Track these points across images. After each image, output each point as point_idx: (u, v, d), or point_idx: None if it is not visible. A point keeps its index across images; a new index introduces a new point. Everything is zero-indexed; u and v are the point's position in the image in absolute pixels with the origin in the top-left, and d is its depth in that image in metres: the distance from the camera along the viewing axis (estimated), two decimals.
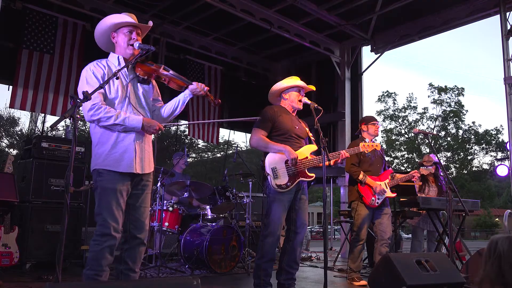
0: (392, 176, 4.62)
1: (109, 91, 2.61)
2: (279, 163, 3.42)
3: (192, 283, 1.94)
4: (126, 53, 2.71)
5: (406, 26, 7.92)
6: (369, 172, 4.50)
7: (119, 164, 2.55)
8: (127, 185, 2.58)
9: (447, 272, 3.21)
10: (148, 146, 2.72)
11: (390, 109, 33.10)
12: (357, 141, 4.55)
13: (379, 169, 4.62)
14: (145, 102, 2.75)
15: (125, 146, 2.58)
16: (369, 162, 4.56)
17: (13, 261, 4.43)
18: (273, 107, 3.64)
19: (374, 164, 4.59)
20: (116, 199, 2.51)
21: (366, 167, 4.53)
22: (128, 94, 2.66)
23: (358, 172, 4.43)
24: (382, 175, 4.57)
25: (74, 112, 2.10)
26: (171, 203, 5.18)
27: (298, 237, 3.51)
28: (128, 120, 2.54)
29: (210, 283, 4.36)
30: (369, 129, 4.63)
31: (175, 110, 2.81)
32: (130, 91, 2.67)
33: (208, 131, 8.79)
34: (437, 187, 5.71)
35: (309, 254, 7.15)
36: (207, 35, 8.44)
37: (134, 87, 2.72)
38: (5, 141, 25.53)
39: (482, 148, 31.79)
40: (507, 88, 6.51)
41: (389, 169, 4.66)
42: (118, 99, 2.61)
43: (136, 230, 2.62)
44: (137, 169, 2.59)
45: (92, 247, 2.47)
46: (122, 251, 2.64)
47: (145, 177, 2.69)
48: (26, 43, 6.48)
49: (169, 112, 2.82)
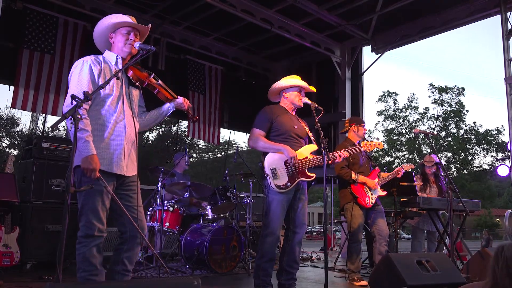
0: (379, 175, 4.64)
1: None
2: (278, 163, 3.42)
3: (192, 283, 1.94)
4: (124, 51, 2.68)
5: (406, 26, 7.92)
6: (361, 173, 4.52)
7: (108, 164, 2.52)
8: (112, 185, 2.56)
9: (447, 272, 3.21)
10: (134, 149, 2.68)
11: (391, 109, 33.09)
12: (344, 143, 4.57)
13: (368, 169, 4.65)
14: (134, 105, 2.74)
15: (115, 145, 2.57)
16: (359, 163, 4.57)
17: (13, 261, 4.43)
18: (271, 107, 3.63)
19: (364, 165, 4.61)
20: (102, 200, 2.48)
21: (357, 168, 4.55)
22: (123, 95, 2.64)
23: (349, 173, 4.44)
24: (370, 174, 4.59)
25: (74, 112, 2.10)
26: (172, 203, 5.18)
27: (297, 237, 3.51)
28: (83, 144, 2.37)
29: (210, 283, 4.36)
30: (359, 130, 4.67)
31: (156, 120, 2.87)
32: (124, 91, 2.66)
33: (209, 131, 8.79)
34: (437, 187, 5.71)
35: (310, 254, 7.15)
36: (207, 35, 8.45)
37: (128, 89, 2.70)
38: (6, 142, 25.57)
39: (482, 148, 31.76)
40: (507, 88, 6.51)
41: (376, 169, 4.67)
42: (111, 97, 2.58)
43: (135, 231, 2.60)
44: (125, 170, 2.60)
45: (79, 249, 2.44)
46: (120, 252, 2.62)
47: (132, 177, 2.67)
48: (27, 43, 6.49)
49: (151, 121, 2.86)
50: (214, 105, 8.90)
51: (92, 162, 2.36)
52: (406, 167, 4.79)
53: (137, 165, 2.73)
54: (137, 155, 2.72)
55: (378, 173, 4.65)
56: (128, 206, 2.60)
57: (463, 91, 32.33)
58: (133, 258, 2.63)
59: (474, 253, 4.54)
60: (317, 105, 3.45)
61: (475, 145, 31.85)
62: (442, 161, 8.86)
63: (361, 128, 4.67)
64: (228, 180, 5.78)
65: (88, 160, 2.35)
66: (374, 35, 8.25)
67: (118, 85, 2.63)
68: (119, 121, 2.59)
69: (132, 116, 2.67)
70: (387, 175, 4.68)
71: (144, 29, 2.79)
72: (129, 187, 2.65)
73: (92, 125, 2.48)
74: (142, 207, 2.72)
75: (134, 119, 2.67)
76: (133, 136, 2.64)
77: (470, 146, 31.81)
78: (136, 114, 2.74)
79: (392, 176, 4.67)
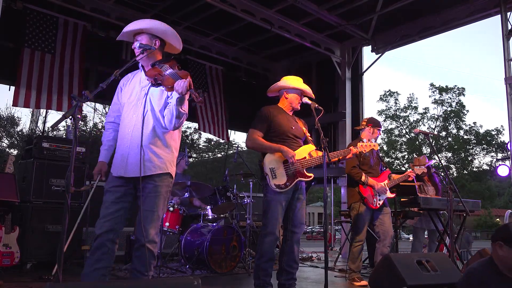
0: (389, 177, 4.62)
1: (121, 96, 2.81)
2: (277, 163, 3.42)
3: (192, 283, 1.94)
4: (138, 55, 2.72)
5: (406, 26, 7.92)
6: (370, 174, 4.50)
7: (114, 168, 2.71)
8: (120, 187, 2.66)
9: (447, 273, 3.21)
10: (147, 150, 2.63)
11: (391, 109, 33.10)
12: (356, 141, 4.55)
13: (378, 170, 4.64)
14: (154, 105, 2.69)
15: (119, 150, 2.70)
16: (369, 164, 4.56)
17: (13, 261, 4.43)
18: (269, 108, 3.63)
19: (374, 166, 4.60)
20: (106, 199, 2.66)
21: (367, 168, 4.53)
22: (140, 98, 2.70)
23: (360, 173, 4.43)
24: (380, 176, 4.58)
25: (75, 112, 2.10)
26: (172, 203, 5.18)
27: (295, 237, 3.52)
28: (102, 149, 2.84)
29: (210, 283, 4.36)
30: (374, 133, 4.61)
31: (172, 116, 2.59)
32: (139, 94, 2.72)
33: (218, 128, 8.82)
34: (433, 185, 5.70)
35: (310, 254, 7.15)
36: (207, 35, 8.45)
37: (147, 90, 2.70)
38: (6, 141, 25.56)
39: (482, 149, 31.77)
40: (508, 88, 6.51)
41: (386, 170, 4.66)
42: (127, 103, 2.74)
43: (139, 234, 2.61)
44: (124, 172, 2.64)
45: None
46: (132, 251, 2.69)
47: (146, 179, 2.62)
48: (28, 42, 6.50)
49: (169, 119, 2.62)
50: (220, 103, 8.93)
51: (96, 170, 2.78)
52: (418, 170, 4.77)
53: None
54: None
55: (389, 175, 4.63)
56: (141, 208, 2.63)
57: (463, 91, 32.38)
58: (142, 261, 2.58)
59: (474, 253, 4.55)
60: (317, 105, 3.45)
61: (475, 145, 31.87)
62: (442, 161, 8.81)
63: (376, 131, 4.61)
64: (228, 180, 5.78)
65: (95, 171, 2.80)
66: (374, 35, 8.26)
67: (135, 90, 2.75)
68: (126, 125, 2.70)
69: (142, 117, 2.64)
70: (398, 177, 4.65)
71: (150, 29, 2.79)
72: (143, 188, 2.62)
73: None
74: (149, 211, 2.62)
75: (143, 120, 2.64)
76: (139, 137, 2.61)
77: (470, 146, 31.82)
78: (156, 113, 2.67)
79: (403, 178, 4.64)
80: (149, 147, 2.64)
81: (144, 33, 2.76)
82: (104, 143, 2.84)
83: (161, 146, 2.68)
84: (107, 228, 2.57)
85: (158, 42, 2.77)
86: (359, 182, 4.44)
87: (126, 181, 2.65)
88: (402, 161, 31.44)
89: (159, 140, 2.67)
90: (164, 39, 2.81)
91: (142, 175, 2.58)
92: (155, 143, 2.66)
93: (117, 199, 2.63)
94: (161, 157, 2.67)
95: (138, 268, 2.60)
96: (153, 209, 2.62)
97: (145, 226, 2.57)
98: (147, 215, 2.60)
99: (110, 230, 2.58)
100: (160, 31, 2.77)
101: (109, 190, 2.66)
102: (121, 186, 2.65)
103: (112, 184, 2.67)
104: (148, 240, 2.57)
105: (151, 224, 2.60)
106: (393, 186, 4.60)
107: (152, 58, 2.72)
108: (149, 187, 2.63)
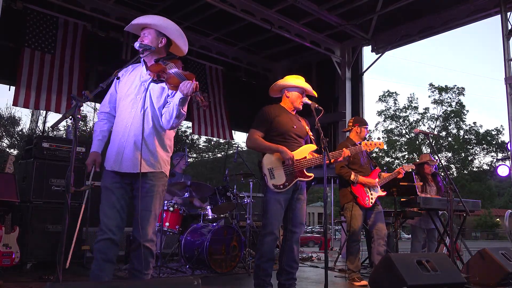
0: (380, 175, 4.64)
1: (118, 86, 2.74)
2: (276, 163, 3.42)
3: (192, 283, 1.94)
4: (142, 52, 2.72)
5: (406, 26, 7.92)
6: (361, 172, 4.52)
7: (108, 162, 2.65)
8: (118, 183, 2.62)
9: (447, 272, 3.21)
10: (143, 145, 2.58)
11: (391, 109, 33.10)
12: (345, 142, 4.58)
13: (369, 169, 4.65)
14: (154, 101, 2.66)
15: (114, 143, 2.65)
16: (359, 163, 4.58)
17: (13, 261, 4.43)
18: (270, 107, 3.62)
19: (364, 165, 4.61)
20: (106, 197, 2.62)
21: (357, 167, 4.55)
22: (138, 93, 2.66)
23: (349, 173, 4.45)
24: (370, 175, 4.60)
25: (75, 112, 2.10)
26: (172, 203, 5.18)
27: (295, 236, 3.51)
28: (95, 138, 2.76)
29: (210, 283, 4.37)
30: (361, 132, 4.67)
31: (172, 115, 2.54)
32: (138, 90, 2.68)
33: (217, 129, 8.81)
34: (436, 186, 5.71)
35: (310, 254, 7.16)
36: (207, 35, 8.45)
37: (147, 87, 2.66)
38: (6, 141, 25.55)
39: (482, 149, 31.77)
40: (508, 88, 6.51)
41: (376, 169, 4.68)
42: (124, 98, 2.68)
43: (136, 233, 2.60)
44: (118, 168, 2.59)
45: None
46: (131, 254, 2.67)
47: (142, 177, 2.57)
48: (28, 42, 6.50)
49: (167, 118, 2.59)
50: (219, 103, 8.93)
51: (90, 158, 2.71)
52: (406, 168, 4.79)
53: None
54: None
55: (379, 173, 4.65)
56: (138, 207, 2.59)
57: (463, 91, 32.38)
58: (139, 260, 2.57)
59: (474, 253, 4.55)
60: (317, 105, 3.45)
61: (475, 145, 31.86)
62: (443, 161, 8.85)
63: (363, 130, 4.67)
64: (228, 180, 5.78)
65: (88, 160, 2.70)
66: (374, 35, 8.25)
67: (135, 83, 2.70)
68: (123, 119, 2.65)
69: (142, 113, 2.61)
70: (388, 175, 4.69)
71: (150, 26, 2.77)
72: (141, 187, 2.58)
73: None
74: (147, 211, 2.59)
75: (143, 116, 2.61)
76: (136, 132, 2.59)
77: (470, 146, 31.82)
78: (155, 110, 2.64)
79: (393, 176, 4.68)
80: (146, 144, 2.62)
81: (152, 28, 2.74)
82: (98, 132, 2.76)
83: (157, 144, 2.66)
84: (116, 227, 2.58)
85: (165, 40, 2.75)
86: (349, 181, 4.45)
87: (121, 177, 2.63)
88: (402, 161, 31.43)
89: (156, 138, 2.65)
90: (172, 39, 2.79)
91: (138, 172, 2.56)
92: (152, 141, 2.64)
93: (122, 196, 2.63)
94: (157, 155, 2.65)
95: (137, 267, 2.60)
96: (150, 209, 2.62)
97: (143, 226, 2.57)
98: (144, 215, 2.59)
99: (119, 228, 2.61)
100: (169, 30, 2.75)
101: (109, 188, 2.63)
102: (119, 182, 2.64)
103: (111, 180, 2.64)
104: (146, 239, 2.58)
105: (148, 223, 2.60)
106: (383, 184, 4.63)
107: (156, 55, 2.71)
108: (146, 187, 2.62)
